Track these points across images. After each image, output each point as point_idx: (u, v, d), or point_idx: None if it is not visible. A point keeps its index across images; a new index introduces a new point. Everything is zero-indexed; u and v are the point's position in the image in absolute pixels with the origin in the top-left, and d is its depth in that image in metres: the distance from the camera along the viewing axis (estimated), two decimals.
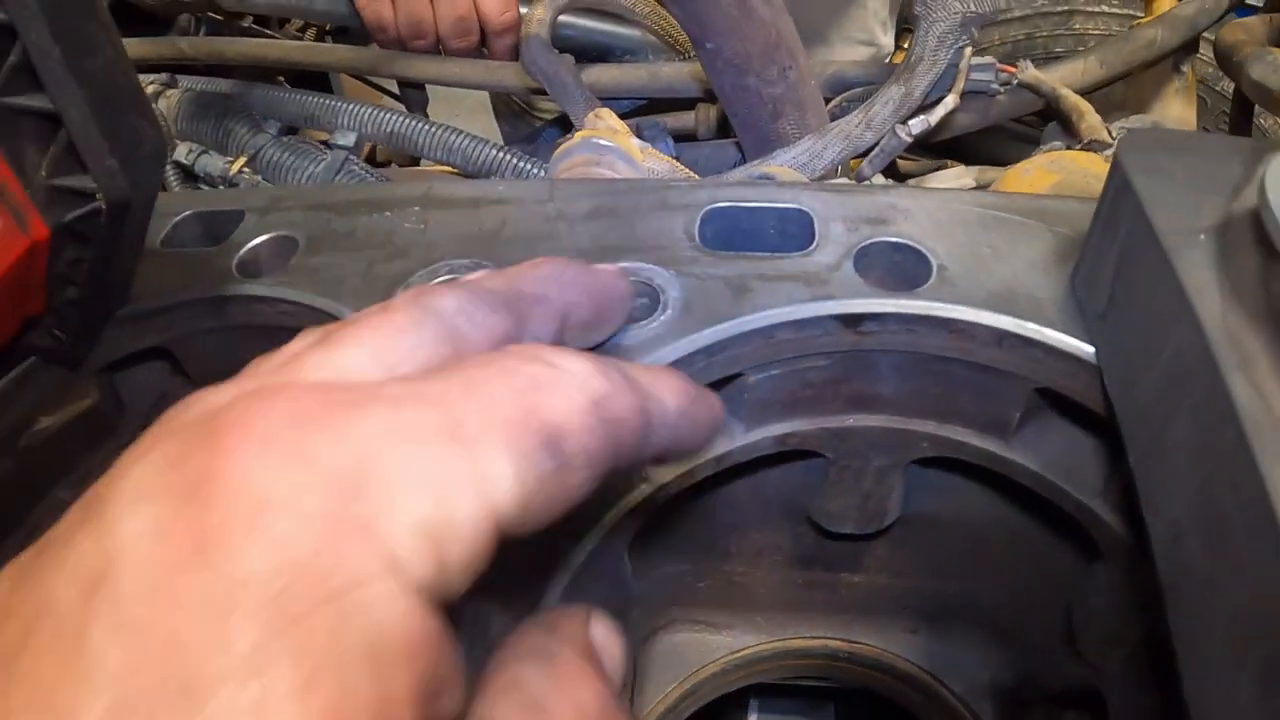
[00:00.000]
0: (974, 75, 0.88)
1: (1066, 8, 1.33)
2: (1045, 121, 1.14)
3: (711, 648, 0.80)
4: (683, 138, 1.09)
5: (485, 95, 1.76)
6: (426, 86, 1.37)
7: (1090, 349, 0.54)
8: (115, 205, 0.54)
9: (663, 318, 0.55)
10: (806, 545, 0.74)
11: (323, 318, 0.61)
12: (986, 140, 1.16)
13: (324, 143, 1.07)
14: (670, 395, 0.39)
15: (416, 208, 0.66)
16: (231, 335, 0.66)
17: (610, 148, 0.74)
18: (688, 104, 1.10)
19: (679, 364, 0.54)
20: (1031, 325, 0.55)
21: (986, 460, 0.62)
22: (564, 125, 1.14)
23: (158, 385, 0.72)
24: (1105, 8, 1.31)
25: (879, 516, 0.68)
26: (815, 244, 0.60)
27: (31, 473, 0.67)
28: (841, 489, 0.66)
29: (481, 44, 1.25)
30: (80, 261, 0.57)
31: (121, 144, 0.53)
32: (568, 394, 0.33)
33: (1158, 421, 0.48)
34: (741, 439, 0.61)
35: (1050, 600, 0.70)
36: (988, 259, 0.59)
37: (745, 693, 1.02)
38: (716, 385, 0.58)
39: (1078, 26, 1.32)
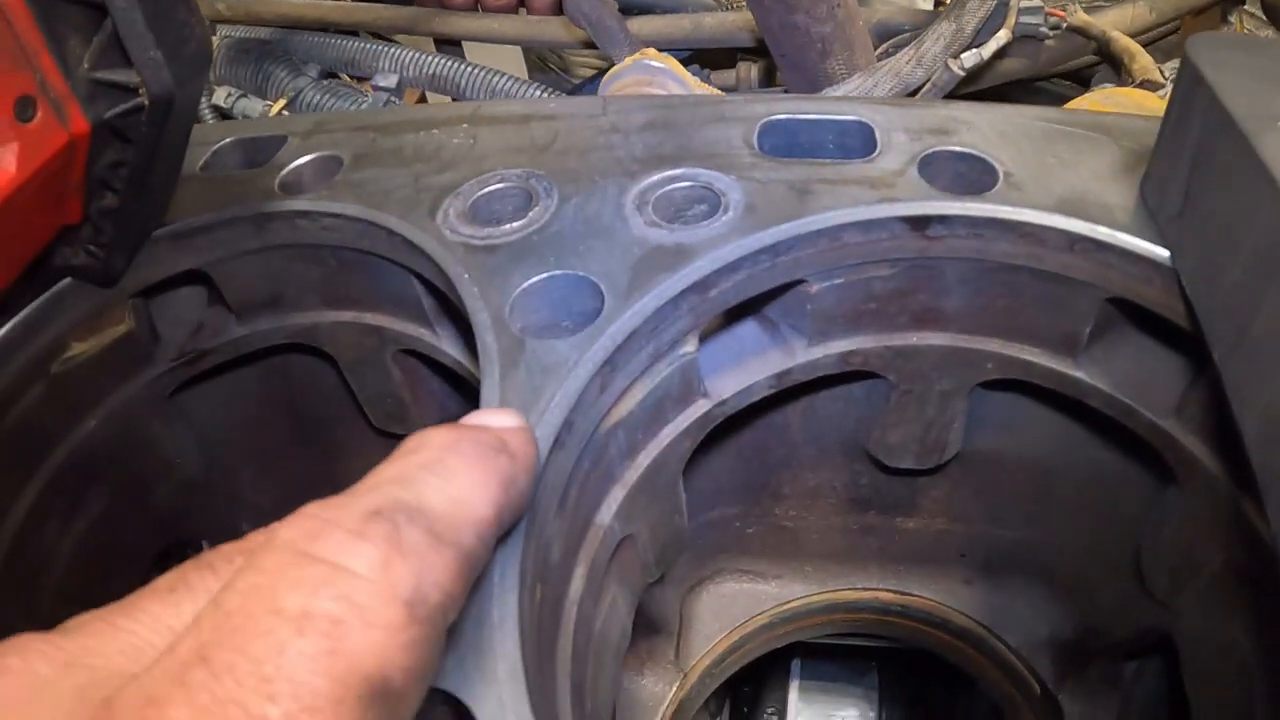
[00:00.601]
0: (1023, 19, 0.88)
1: None
2: (1087, 86, 1.13)
3: (759, 599, 0.79)
4: None
5: (523, 67, 1.77)
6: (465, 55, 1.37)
7: (1165, 252, 0.53)
8: (159, 101, 0.53)
9: (725, 218, 0.54)
10: (862, 486, 0.73)
11: (367, 228, 0.60)
12: (1027, 101, 1.15)
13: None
14: (481, 485, 0.36)
15: (465, 125, 0.65)
16: (272, 257, 0.65)
17: (662, 69, 0.74)
18: (728, 63, 1.10)
19: (743, 262, 0.53)
20: (1104, 229, 0.54)
21: (1054, 381, 0.61)
22: None
23: (194, 316, 0.71)
24: None
25: (939, 449, 0.67)
26: (878, 151, 0.59)
27: (62, 401, 0.66)
28: (903, 417, 0.65)
29: (520, 2, 1.26)
30: (120, 165, 0.56)
31: (167, 37, 0.52)
32: (373, 619, 0.29)
33: (1244, 310, 0.47)
34: (803, 355, 0.60)
35: (1117, 538, 0.68)
36: (1054, 168, 0.58)
37: (788, 655, 1.00)
38: (778, 291, 0.57)
39: None
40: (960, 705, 1.00)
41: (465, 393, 0.70)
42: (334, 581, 0.29)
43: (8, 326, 0.62)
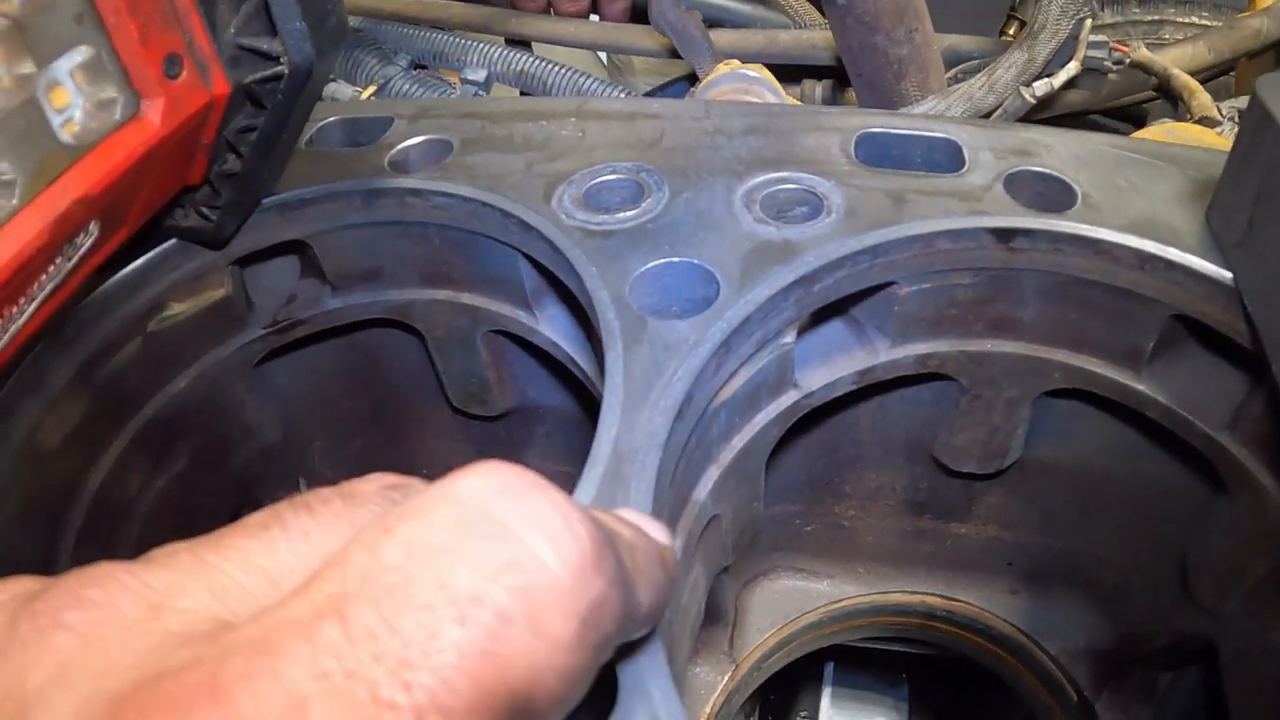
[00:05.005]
0: (1089, 52, 0.98)
1: (1157, 17, 1.44)
2: (1139, 124, 1.24)
3: (811, 596, 0.87)
4: None
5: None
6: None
7: (1228, 274, 0.62)
8: (298, 70, 0.59)
9: (828, 220, 0.64)
10: (921, 489, 0.82)
11: (479, 209, 0.68)
12: None
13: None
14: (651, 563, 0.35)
15: (573, 119, 0.74)
16: (376, 233, 0.74)
17: (758, 78, 0.83)
18: (790, 79, 1.20)
19: (845, 261, 0.62)
20: (1174, 250, 0.63)
21: (1116, 392, 0.70)
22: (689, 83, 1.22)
23: (286, 286, 0.79)
24: (1196, 19, 1.42)
25: (1002, 454, 0.76)
26: (966, 168, 0.68)
27: (156, 359, 0.74)
28: (970, 421, 0.74)
29: (592, 8, 1.35)
30: (249, 130, 0.63)
31: (312, 10, 0.59)
32: (544, 628, 0.28)
33: None
34: (886, 355, 0.69)
35: (1163, 547, 0.77)
36: (1127, 192, 0.68)
37: (821, 660, 1.09)
38: (869, 291, 0.66)
39: (1168, 37, 1.43)
40: (989, 716, 1.09)
41: (555, 374, 0.78)
42: (518, 569, 0.28)
43: (111, 281, 0.70)
